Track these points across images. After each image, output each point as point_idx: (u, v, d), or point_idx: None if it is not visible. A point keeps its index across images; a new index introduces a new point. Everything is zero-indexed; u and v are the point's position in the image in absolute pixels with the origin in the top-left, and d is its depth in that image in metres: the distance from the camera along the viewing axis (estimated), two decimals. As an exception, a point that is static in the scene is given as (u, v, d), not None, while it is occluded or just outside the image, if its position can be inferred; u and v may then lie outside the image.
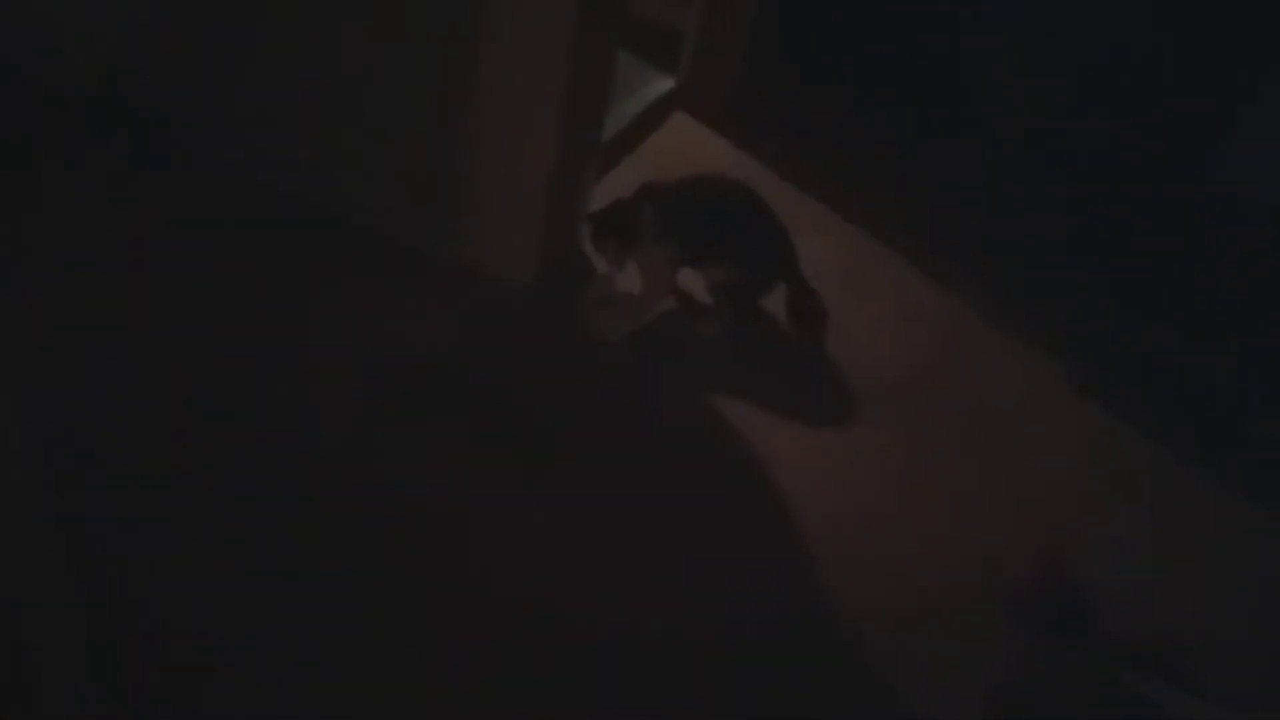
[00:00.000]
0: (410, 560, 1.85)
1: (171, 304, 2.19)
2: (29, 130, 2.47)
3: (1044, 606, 1.93)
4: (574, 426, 2.13)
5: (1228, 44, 2.80)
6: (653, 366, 2.32)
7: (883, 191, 2.97)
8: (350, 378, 2.10)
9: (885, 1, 3.26)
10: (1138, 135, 2.96)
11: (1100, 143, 3.03)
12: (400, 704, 1.66)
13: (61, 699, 1.46)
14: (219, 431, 1.95)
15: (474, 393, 2.13)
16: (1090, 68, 3.03)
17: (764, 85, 3.20)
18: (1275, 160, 2.83)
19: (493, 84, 2.10)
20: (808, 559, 2.02)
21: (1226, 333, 2.71)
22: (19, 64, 2.53)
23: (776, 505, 2.10)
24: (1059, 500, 2.25)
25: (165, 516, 1.82)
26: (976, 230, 2.91)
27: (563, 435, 2.11)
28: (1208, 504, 2.32)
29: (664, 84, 3.14)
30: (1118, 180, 3.00)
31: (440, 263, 2.35)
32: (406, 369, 2.14)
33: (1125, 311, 2.77)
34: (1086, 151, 3.07)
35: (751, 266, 2.35)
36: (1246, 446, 2.45)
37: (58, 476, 1.63)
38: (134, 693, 1.59)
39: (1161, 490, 2.33)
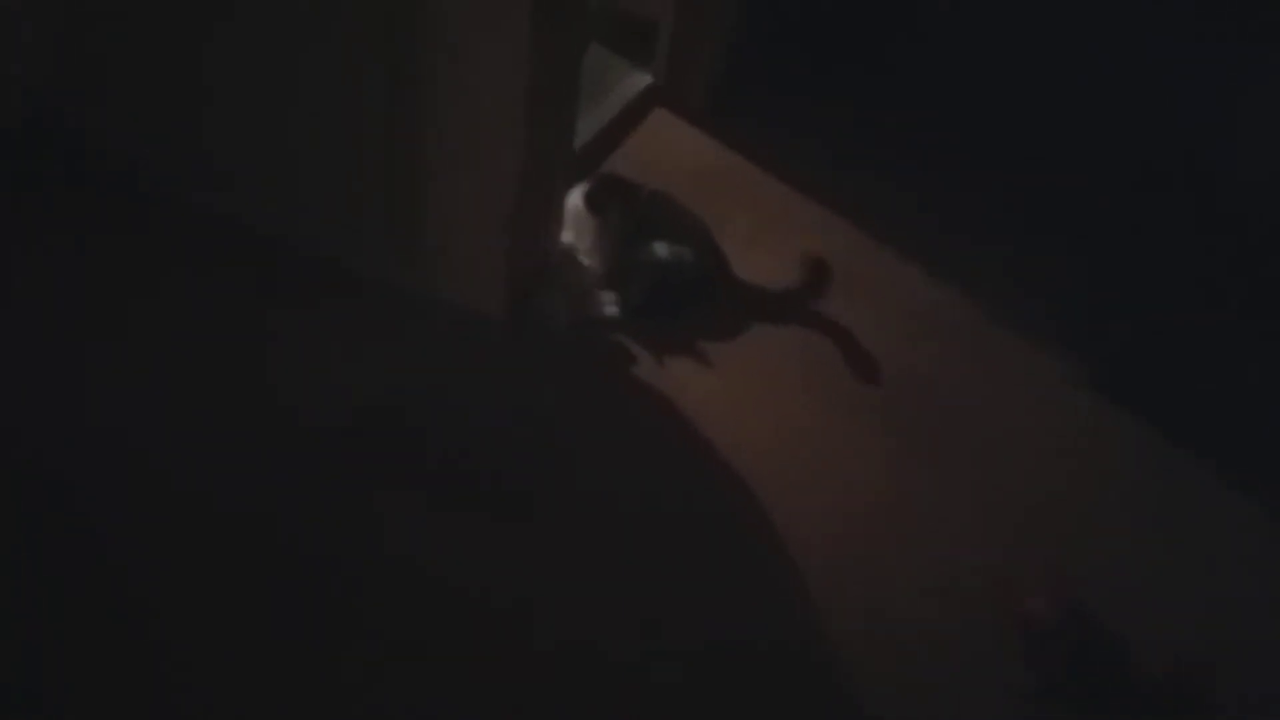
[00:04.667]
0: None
1: (115, 346, 2.05)
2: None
3: (1064, 641, 1.78)
4: (552, 473, 2.00)
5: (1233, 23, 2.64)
6: (631, 383, 2.18)
7: (878, 186, 2.81)
8: (319, 432, 1.96)
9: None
10: (1143, 118, 2.80)
11: (1105, 126, 2.88)
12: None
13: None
14: (181, 508, 1.82)
15: (446, 449, 1.99)
16: (1092, 45, 2.86)
17: (748, 77, 3.04)
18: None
19: (445, 100, 1.95)
20: (798, 577, 1.90)
21: (1242, 325, 2.57)
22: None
23: (765, 522, 1.98)
24: (1065, 511, 2.12)
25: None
26: (977, 224, 2.74)
27: (541, 488, 1.97)
28: (1223, 510, 2.18)
29: (641, 80, 2.99)
30: (1125, 165, 2.84)
31: (408, 294, 2.21)
32: (377, 420, 2.00)
33: (1136, 304, 2.61)
34: (1091, 137, 2.91)
35: (690, 253, 2.31)
36: (1262, 446, 2.30)
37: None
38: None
39: (1173, 497, 2.19)
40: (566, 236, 2.35)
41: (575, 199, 2.34)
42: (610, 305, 2.27)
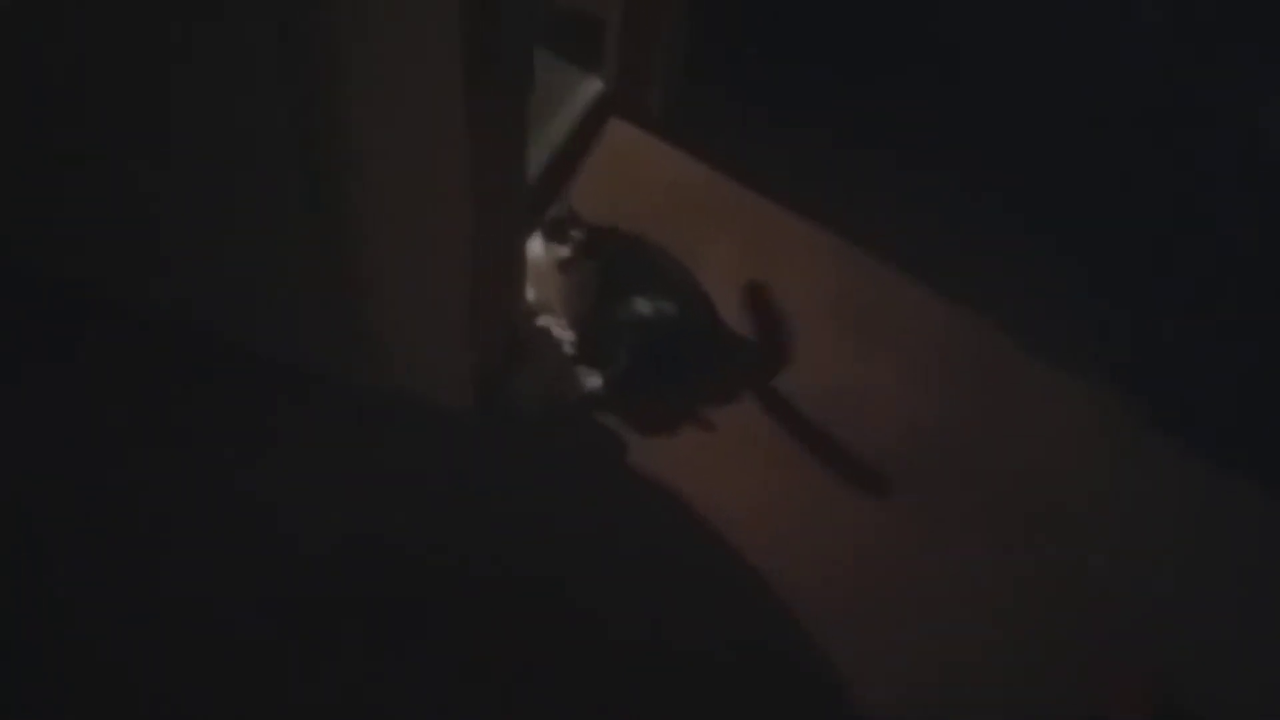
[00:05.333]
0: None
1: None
2: None
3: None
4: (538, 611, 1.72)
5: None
6: (621, 474, 1.90)
7: (868, 197, 2.48)
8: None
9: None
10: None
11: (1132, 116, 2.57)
12: None
13: None
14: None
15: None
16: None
17: (708, 79, 2.70)
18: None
19: (376, 166, 1.62)
20: (792, 665, 1.67)
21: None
22: None
23: (754, 602, 1.74)
24: (1122, 594, 1.85)
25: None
26: (998, 240, 2.44)
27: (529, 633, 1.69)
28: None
29: (591, 87, 2.66)
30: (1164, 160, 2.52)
31: (364, 392, 1.89)
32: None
33: (1199, 325, 2.31)
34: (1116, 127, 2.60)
35: (676, 306, 2.02)
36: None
37: None
38: None
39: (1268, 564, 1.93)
40: (529, 294, 2.04)
41: (534, 247, 2.02)
42: (589, 379, 1.97)
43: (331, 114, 1.56)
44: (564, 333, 2.01)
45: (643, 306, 1.99)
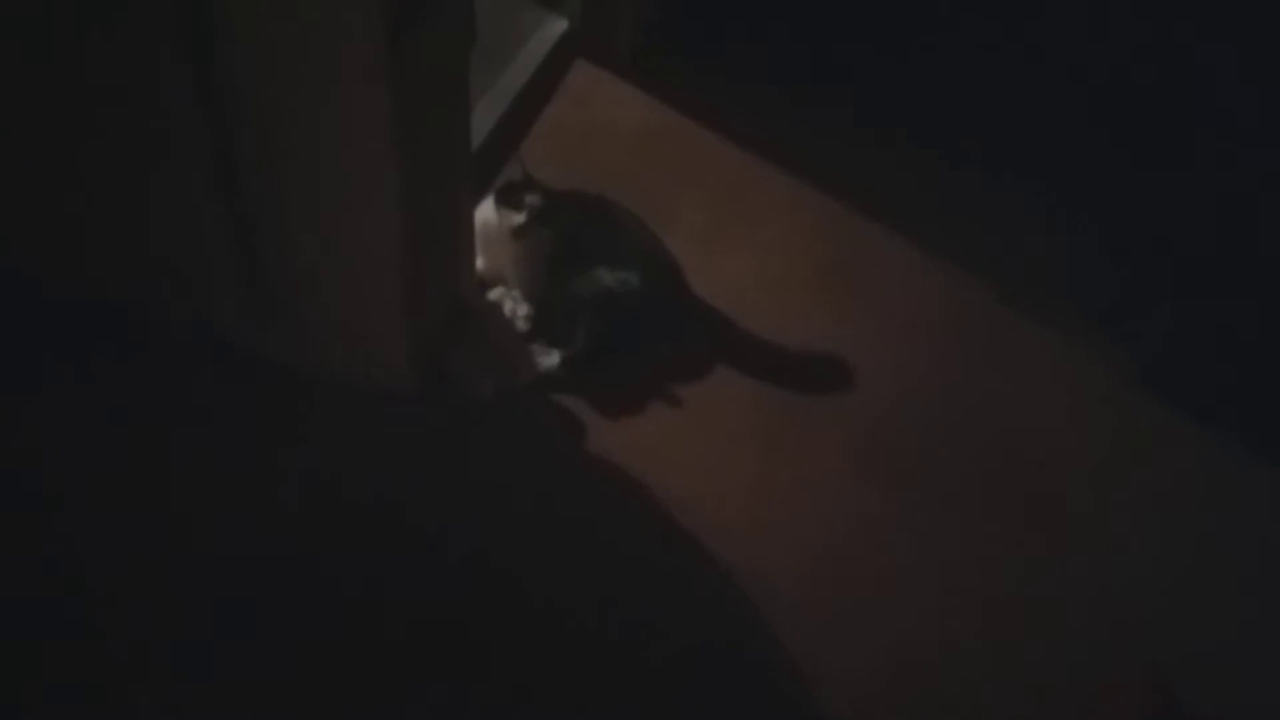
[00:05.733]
0: None
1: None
2: None
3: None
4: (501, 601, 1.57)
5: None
6: (579, 459, 1.75)
7: (850, 150, 2.30)
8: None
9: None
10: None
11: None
12: None
13: None
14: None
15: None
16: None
17: (680, 15, 2.50)
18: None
19: (286, 123, 1.45)
20: (762, 660, 1.55)
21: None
22: None
23: (728, 598, 1.61)
24: (1119, 587, 1.70)
25: None
26: (982, 192, 2.27)
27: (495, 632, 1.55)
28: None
29: (556, 26, 2.45)
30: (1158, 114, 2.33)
31: (297, 372, 1.73)
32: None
33: (1190, 279, 2.15)
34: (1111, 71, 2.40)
35: (639, 275, 1.84)
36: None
37: None
38: None
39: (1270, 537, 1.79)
40: (480, 264, 1.88)
41: (486, 212, 1.85)
42: (545, 357, 1.81)
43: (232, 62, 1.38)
44: (518, 306, 1.85)
45: (604, 277, 1.83)
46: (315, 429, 1.71)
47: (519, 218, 1.79)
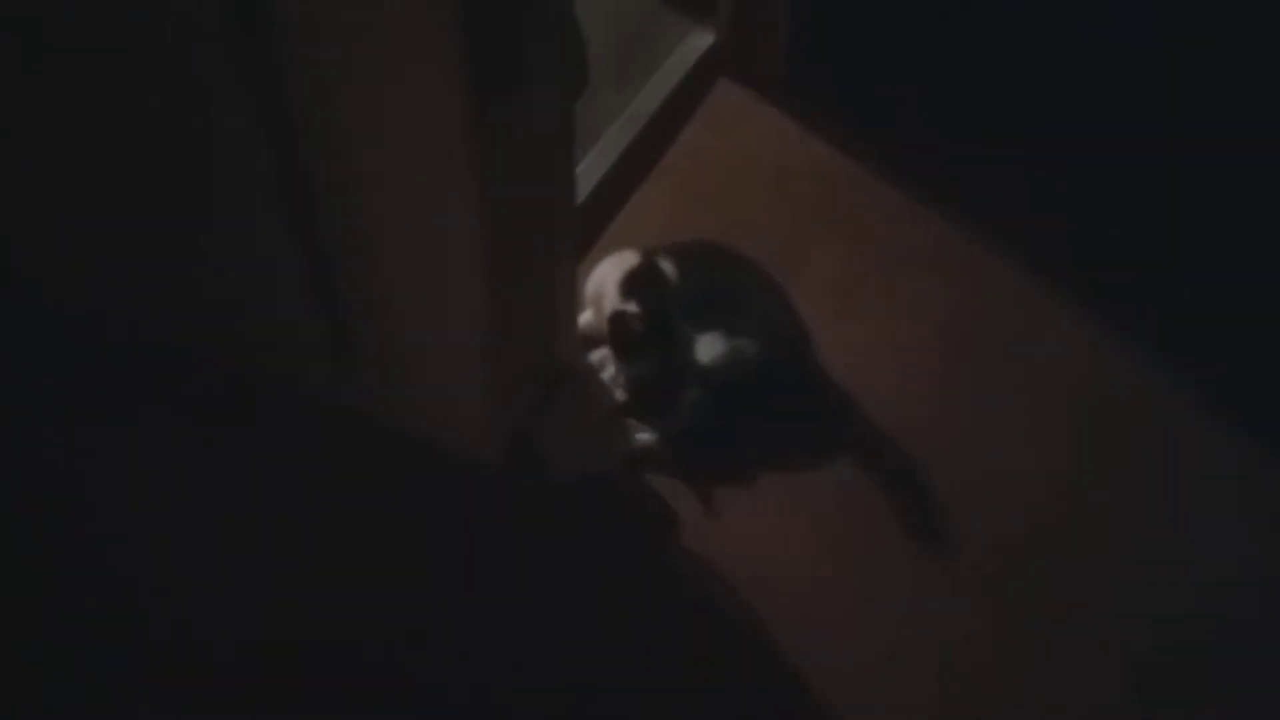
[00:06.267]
0: None
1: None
2: None
3: None
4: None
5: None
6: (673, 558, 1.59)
7: (1021, 199, 2.05)
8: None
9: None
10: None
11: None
12: None
13: None
14: None
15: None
16: None
17: (839, 36, 2.27)
18: None
19: (373, 187, 1.33)
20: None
21: None
22: None
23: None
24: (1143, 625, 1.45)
25: None
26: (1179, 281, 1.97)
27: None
28: None
29: (701, 40, 2.27)
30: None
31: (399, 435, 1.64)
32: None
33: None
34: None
35: (757, 344, 1.65)
36: None
37: None
38: None
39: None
40: (588, 316, 1.74)
41: (603, 266, 1.71)
42: (641, 433, 1.66)
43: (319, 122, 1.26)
44: (617, 373, 1.70)
45: (715, 346, 1.65)
46: (390, 486, 1.62)
47: (631, 307, 1.61)
